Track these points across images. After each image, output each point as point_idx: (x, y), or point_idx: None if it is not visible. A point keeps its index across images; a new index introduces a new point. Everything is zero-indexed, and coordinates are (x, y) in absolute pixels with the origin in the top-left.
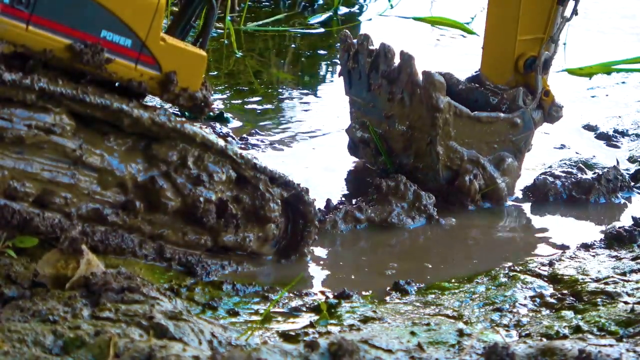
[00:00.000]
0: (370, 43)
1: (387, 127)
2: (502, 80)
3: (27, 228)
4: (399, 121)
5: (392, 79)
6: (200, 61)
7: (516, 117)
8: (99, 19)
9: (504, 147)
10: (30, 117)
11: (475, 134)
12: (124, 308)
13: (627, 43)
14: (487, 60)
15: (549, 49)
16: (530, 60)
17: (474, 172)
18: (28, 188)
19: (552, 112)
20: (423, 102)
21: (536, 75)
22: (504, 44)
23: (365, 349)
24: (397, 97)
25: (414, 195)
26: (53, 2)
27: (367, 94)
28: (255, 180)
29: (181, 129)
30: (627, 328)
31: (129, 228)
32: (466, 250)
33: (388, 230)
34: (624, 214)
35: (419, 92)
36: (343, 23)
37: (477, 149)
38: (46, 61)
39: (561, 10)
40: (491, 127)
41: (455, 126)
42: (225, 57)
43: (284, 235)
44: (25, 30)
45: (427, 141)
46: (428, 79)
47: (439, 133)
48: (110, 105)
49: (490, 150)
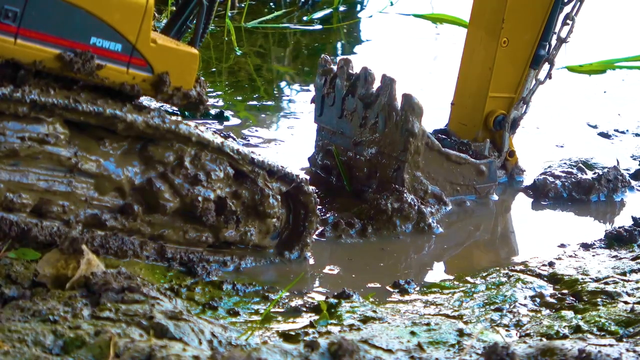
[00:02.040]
0: (350, 67)
1: (353, 154)
2: (469, 135)
3: (26, 238)
4: (368, 147)
5: (368, 102)
6: (192, 59)
7: (483, 165)
8: (87, 26)
9: (466, 192)
10: (23, 129)
11: (442, 171)
12: (124, 308)
13: (627, 41)
14: (456, 117)
15: (518, 109)
16: (500, 118)
17: (436, 207)
18: (25, 199)
19: (514, 173)
20: (398, 126)
21: (504, 133)
22: (475, 99)
23: (365, 349)
24: (369, 123)
25: (418, 215)
26: (40, 14)
27: (337, 120)
28: (253, 175)
29: (176, 129)
30: (627, 328)
31: (128, 231)
32: (466, 251)
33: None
34: (624, 213)
35: (394, 116)
36: (343, 20)
37: (441, 187)
38: (37, 70)
39: (534, 73)
40: (458, 168)
41: (425, 157)
42: (226, 54)
43: (285, 226)
44: (13, 44)
45: (394, 167)
46: (408, 102)
47: (408, 159)
48: (104, 112)
49: (453, 191)
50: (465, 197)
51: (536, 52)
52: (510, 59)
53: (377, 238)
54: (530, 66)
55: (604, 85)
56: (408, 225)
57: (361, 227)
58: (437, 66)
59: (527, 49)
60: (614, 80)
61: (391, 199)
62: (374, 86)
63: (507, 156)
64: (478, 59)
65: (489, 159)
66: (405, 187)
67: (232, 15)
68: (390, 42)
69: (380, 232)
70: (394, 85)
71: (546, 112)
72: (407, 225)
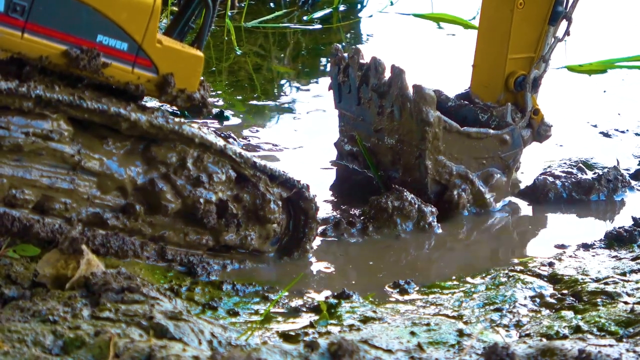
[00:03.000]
0: (361, 57)
1: (376, 140)
2: (492, 98)
3: (27, 235)
4: (388, 135)
5: (382, 92)
6: (197, 62)
7: (505, 134)
8: (94, 23)
9: (492, 163)
10: (27, 125)
11: (465, 149)
12: (124, 308)
13: (627, 40)
14: (477, 79)
15: (539, 68)
16: (520, 79)
17: (462, 187)
18: (27, 195)
19: (541, 131)
20: (413, 116)
21: (525, 93)
22: (494, 62)
23: (365, 349)
24: (386, 111)
25: (418, 213)
26: (48, 9)
27: (356, 107)
28: (255, 179)
29: (179, 130)
30: (627, 328)
31: (129, 231)
32: (466, 251)
33: None
34: (624, 213)
35: (409, 106)
36: (343, 20)
37: (466, 165)
38: (43, 67)
39: (552, 30)
40: (480, 143)
41: (445, 141)
42: (226, 54)
43: (285, 232)
44: (20, 38)
45: (415, 155)
46: (419, 93)
47: (428, 147)
48: (108, 110)
49: (479, 166)
50: (492, 168)
51: (554, 8)
52: (527, 19)
53: (378, 237)
54: (549, 23)
55: (604, 84)
56: (409, 223)
57: (362, 226)
58: (438, 65)
59: (545, 7)
60: (614, 80)
61: (391, 198)
62: (385, 76)
63: (531, 115)
64: (495, 22)
65: (510, 127)
66: (429, 174)
67: (232, 14)
68: (391, 41)
69: (381, 231)
70: (403, 76)
71: (546, 112)
72: (408, 224)
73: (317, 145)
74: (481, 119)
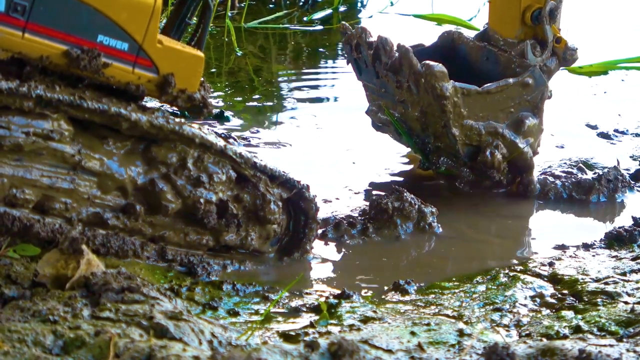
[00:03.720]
0: (369, 35)
1: (402, 110)
2: (511, 33)
3: (27, 234)
4: (412, 106)
5: (395, 69)
6: (197, 62)
7: (527, 78)
8: (95, 23)
9: (520, 108)
10: (28, 125)
11: (488, 106)
12: (124, 308)
13: (627, 42)
14: (494, 14)
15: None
16: (537, 12)
17: (495, 144)
18: (28, 195)
19: (567, 56)
20: (428, 92)
21: (543, 25)
22: None
23: (365, 349)
24: (404, 85)
25: (418, 214)
26: (49, 9)
27: (376, 80)
28: (255, 180)
29: (180, 130)
30: (627, 328)
31: (129, 231)
32: (466, 250)
33: None
34: (624, 214)
35: (423, 81)
36: (343, 20)
37: (494, 119)
38: (43, 67)
39: None
40: (503, 95)
41: (466, 105)
42: (226, 55)
43: (285, 232)
44: (21, 37)
45: (441, 124)
46: (428, 71)
47: (450, 117)
48: (108, 110)
49: (507, 115)
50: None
51: None
52: None
53: (378, 238)
54: None
55: (604, 85)
56: (409, 224)
57: (362, 227)
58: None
59: None
60: (614, 81)
61: (391, 198)
62: (395, 53)
63: (554, 44)
64: None
65: (530, 69)
66: (457, 140)
67: (232, 15)
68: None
69: (381, 232)
70: (410, 54)
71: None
72: (408, 225)
73: (317, 145)
74: (501, 59)
